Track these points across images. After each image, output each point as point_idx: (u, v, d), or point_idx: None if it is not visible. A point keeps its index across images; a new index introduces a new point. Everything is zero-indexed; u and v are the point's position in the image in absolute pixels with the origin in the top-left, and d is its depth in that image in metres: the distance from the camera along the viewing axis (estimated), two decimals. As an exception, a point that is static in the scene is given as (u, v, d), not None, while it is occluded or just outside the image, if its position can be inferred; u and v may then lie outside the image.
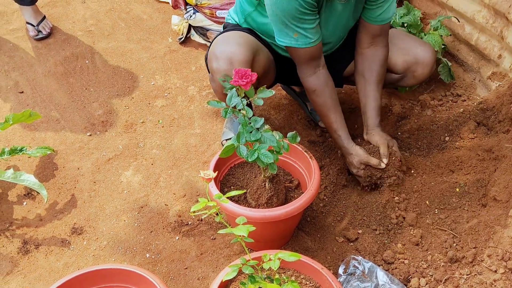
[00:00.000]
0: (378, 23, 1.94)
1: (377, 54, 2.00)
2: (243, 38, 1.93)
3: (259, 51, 1.96)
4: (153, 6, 3.41)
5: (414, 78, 2.10)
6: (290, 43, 1.82)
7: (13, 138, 2.44)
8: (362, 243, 1.90)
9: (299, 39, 1.80)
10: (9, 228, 2.04)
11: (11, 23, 3.23)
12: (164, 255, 1.93)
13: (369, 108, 2.02)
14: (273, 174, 1.75)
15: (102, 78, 2.81)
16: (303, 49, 1.83)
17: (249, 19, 2.04)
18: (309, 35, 1.80)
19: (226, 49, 1.84)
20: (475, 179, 1.96)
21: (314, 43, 1.83)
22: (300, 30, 1.78)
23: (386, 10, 1.90)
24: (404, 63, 2.07)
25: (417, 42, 2.10)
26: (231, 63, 1.81)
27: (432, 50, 2.07)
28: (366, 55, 2.01)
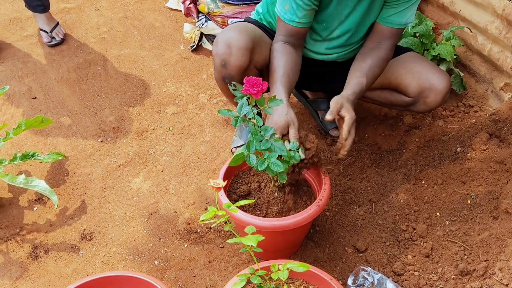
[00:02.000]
0: (388, 24, 1.89)
1: (377, 52, 1.92)
2: (247, 27, 1.95)
3: (263, 42, 1.97)
4: (166, 14, 3.44)
5: (425, 104, 2.03)
6: (280, 12, 1.86)
7: (25, 143, 2.46)
8: (371, 254, 1.88)
9: (287, 12, 1.83)
10: (19, 233, 2.05)
11: (25, 29, 3.27)
12: (172, 263, 1.93)
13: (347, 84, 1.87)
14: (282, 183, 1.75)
15: (114, 85, 2.83)
16: (284, 23, 1.86)
17: (271, 7, 2.06)
18: (297, 13, 1.82)
19: (227, 34, 1.87)
20: (487, 191, 1.94)
21: (298, 24, 1.85)
22: (293, 4, 1.80)
23: (399, 13, 1.86)
24: (418, 87, 2.00)
25: (434, 68, 2.03)
26: (229, 47, 1.83)
27: (448, 79, 2.00)
28: (367, 49, 1.95)
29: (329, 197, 1.74)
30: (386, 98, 2.13)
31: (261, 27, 2.06)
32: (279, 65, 1.84)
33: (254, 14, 2.19)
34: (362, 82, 1.86)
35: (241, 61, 1.85)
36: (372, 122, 2.45)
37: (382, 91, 2.11)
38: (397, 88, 2.07)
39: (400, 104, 2.11)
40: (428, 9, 2.87)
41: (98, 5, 3.52)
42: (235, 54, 1.84)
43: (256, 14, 2.18)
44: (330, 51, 2.03)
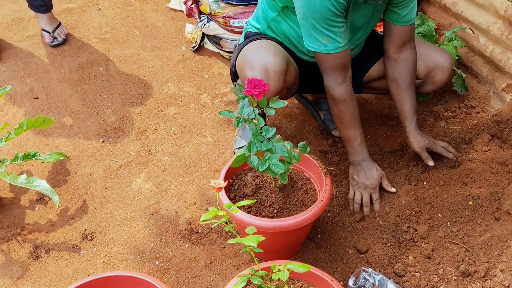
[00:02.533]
0: (406, 23, 1.94)
1: (409, 58, 2.00)
2: (275, 48, 1.93)
3: (290, 61, 1.97)
4: (168, 15, 3.44)
5: (433, 84, 2.12)
6: (319, 49, 1.80)
7: (27, 143, 2.46)
8: (372, 255, 1.88)
9: (328, 44, 1.78)
10: (20, 232, 2.06)
11: (27, 29, 3.28)
12: (173, 263, 1.93)
13: (405, 109, 2.03)
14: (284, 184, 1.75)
15: (115, 85, 2.83)
16: (332, 55, 1.81)
17: (272, 24, 2.04)
18: (338, 39, 1.78)
19: (262, 58, 1.83)
20: (488, 192, 1.94)
21: (343, 47, 1.81)
22: (330, 34, 1.76)
23: (411, 10, 1.91)
24: (425, 68, 2.08)
25: (436, 48, 2.13)
26: (266, 73, 1.81)
27: (450, 56, 2.11)
28: (398, 60, 2.01)
29: (330, 198, 1.74)
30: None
31: (279, 43, 2.03)
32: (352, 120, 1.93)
33: (250, 28, 2.15)
34: (413, 97, 2.02)
35: (278, 85, 1.84)
36: (374, 123, 2.44)
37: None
38: None
39: None
40: (430, 10, 2.87)
41: (100, 6, 3.53)
42: (273, 79, 1.81)
43: (252, 28, 2.14)
44: None
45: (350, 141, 1.99)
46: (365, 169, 2.00)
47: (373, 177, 1.99)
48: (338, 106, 1.91)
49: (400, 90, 2.03)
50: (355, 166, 2.02)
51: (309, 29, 1.77)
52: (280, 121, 2.53)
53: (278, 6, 1.95)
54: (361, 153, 1.99)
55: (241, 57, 1.95)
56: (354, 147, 1.99)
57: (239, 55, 1.99)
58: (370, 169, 1.99)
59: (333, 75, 1.86)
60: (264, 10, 2.04)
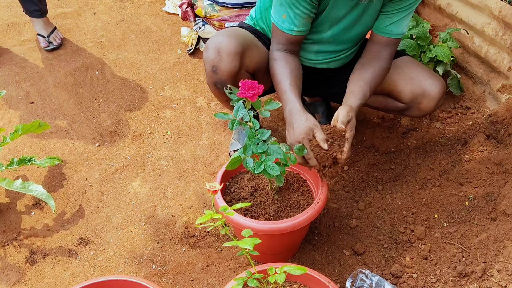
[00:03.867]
0: (385, 34, 1.88)
1: (377, 63, 1.90)
2: (236, 32, 1.95)
3: (254, 46, 1.97)
4: (163, 18, 3.44)
5: (419, 110, 2.02)
6: (276, 22, 1.84)
7: (23, 148, 2.45)
8: (369, 257, 1.88)
9: (284, 22, 1.81)
10: (17, 238, 2.05)
11: (22, 34, 3.28)
12: (170, 267, 1.92)
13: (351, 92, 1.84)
14: (280, 186, 1.75)
15: (111, 89, 2.83)
16: (284, 33, 1.84)
17: (264, 13, 2.05)
18: (295, 22, 1.80)
19: (217, 40, 1.88)
20: (484, 192, 1.94)
21: (296, 32, 1.83)
22: (290, 13, 1.78)
23: (395, 23, 1.85)
24: (410, 93, 1.99)
25: (428, 73, 2.00)
26: (219, 53, 1.84)
27: (442, 84, 1.98)
28: (367, 60, 1.93)
29: (326, 200, 1.73)
30: (380, 103, 2.13)
31: (253, 32, 2.06)
32: (284, 73, 1.83)
33: (248, 18, 2.19)
34: (366, 92, 1.84)
35: (231, 66, 1.85)
36: (370, 124, 2.45)
37: (375, 96, 2.10)
38: (390, 94, 2.06)
39: (393, 109, 2.11)
40: (424, 11, 2.88)
41: (96, 10, 3.53)
42: (225, 59, 1.84)
43: (250, 19, 2.18)
44: (321, 57, 2.03)
45: (279, 94, 1.81)
46: (293, 120, 1.70)
47: (300, 128, 1.67)
48: (272, 63, 1.88)
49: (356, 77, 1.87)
50: (286, 120, 1.75)
51: (276, 0, 1.81)
52: (276, 123, 2.53)
53: None
54: (291, 102, 1.74)
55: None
56: (282, 98, 1.79)
57: None
58: (298, 120, 1.68)
59: (276, 44, 1.88)
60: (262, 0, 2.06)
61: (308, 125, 1.66)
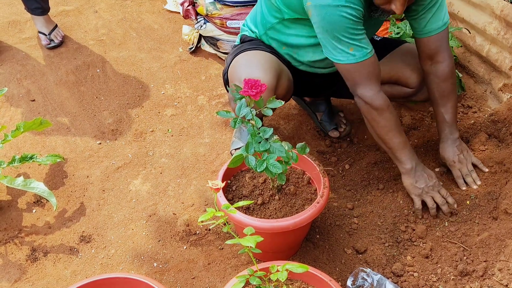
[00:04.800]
0: (428, 34, 1.85)
1: (437, 71, 1.92)
2: (267, 61, 1.89)
3: (282, 74, 1.93)
4: (164, 16, 3.44)
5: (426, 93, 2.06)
6: (348, 59, 1.72)
7: (24, 145, 2.46)
8: (371, 255, 1.88)
9: (356, 53, 1.71)
10: (18, 235, 2.05)
11: (24, 32, 3.27)
12: (171, 264, 1.93)
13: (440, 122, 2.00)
14: (281, 184, 1.75)
15: (112, 87, 2.83)
16: (363, 63, 1.73)
17: (270, 31, 1.99)
18: (364, 46, 1.72)
19: (251, 74, 1.77)
20: (486, 191, 1.94)
21: (371, 53, 1.74)
22: (355, 42, 1.70)
23: (431, 19, 1.81)
24: (418, 78, 2.03)
25: None
26: None
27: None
28: (428, 74, 1.96)
29: (328, 198, 1.74)
30: (387, 92, 2.12)
31: (273, 53, 1.99)
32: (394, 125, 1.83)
33: (246, 31, 2.12)
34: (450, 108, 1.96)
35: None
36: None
37: (382, 85, 2.11)
38: (398, 81, 2.08)
39: (402, 95, 2.13)
40: (426, 10, 2.87)
41: (97, 8, 3.53)
42: (263, 95, 1.76)
43: (249, 30, 2.11)
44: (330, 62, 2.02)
45: (401, 148, 1.87)
46: (423, 171, 1.90)
47: (432, 174, 1.91)
48: (383, 115, 1.81)
49: (435, 104, 1.98)
50: (412, 173, 1.89)
51: (332, 42, 1.70)
52: (277, 122, 2.53)
53: (281, 16, 1.90)
54: (414, 157, 1.89)
55: (232, 68, 1.92)
56: (406, 154, 1.87)
57: (230, 65, 1.96)
58: (426, 169, 1.92)
59: (369, 85, 1.78)
60: (264, 15, 1.99)
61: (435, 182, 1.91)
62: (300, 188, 1.83)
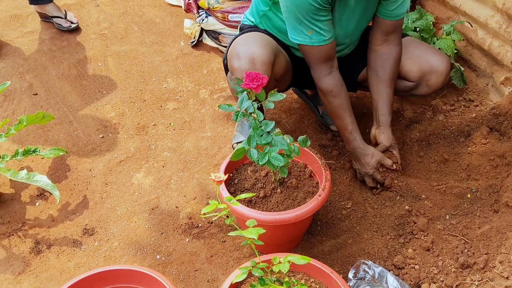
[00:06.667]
0: (393, 18, 1.93)
1: (391, 52, 1.99)
2: (264, 39, 1.94)
3: (279, 53, 1.97)
4: (166, 10, 3.44)
5: (428, 87, 2.08)
6: (304, 41, 1.82)
7: (27, 139, 2.46)
8: (372, 248, 1.89)
9: (313, 37, 1.80)
10: (21, 228, 2.06)
11: (25, 26, 3.28)
12: (174, 257, 1.94)
13: (382, 105, 2.04)
14: (283, 177, 1.76)
15: (114, 81, 2.83)
16: (317, 47, 1.83)
17: (264, 19, 2.05)
18: (323, 33, 1.80)
19: (249, 49, 1.84)
20: (487, 184, 1.95)
21: (328, 40, 1.83)
22: (314, 27, 1.78)
23: (400, 5, 1.90)
24: (419, 71, 2.04)
25: (433, 50, 2.07)
26: (253, 63, 1.82)
27: (447, 60, 2.05)
28: (380, 52, 2.00)
29: (329, 191, 1.74)
30: None
31: (271, 36, 2.04)
32: (342, 108, 1.94)
33: (246, 21, 2.16)
34: (391, 98, 2.02)
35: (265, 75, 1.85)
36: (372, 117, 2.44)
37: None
38: (399, 75, 2.09)
39: (402, 89, 2.14)
40: (428, 3, 2.87)
41: (98, 1, 3.53)
42: (259, 69, 1.81)
43: (248, 21, 2.15)
44: None
45: (341, 130, 2.02)
46: (359, 156, 2.02)
47: (369, 164, 2.01)
48: (326, 97, 1.93)
49: (380, 83, 2.03)
50: (351, 154, 2.07)
51: (294, 22, 1.79)
52: (279, 115, 2.54)
53: (268, 2, 1.95)
54: (354, 141, 2.00)
55: (230, 48, 1.96)
56: (345, 136, 2.02)
57: (229, 48, 2.00)
58: (365, 157, 2.00)
59: (319, 67, 1.89)
60: (257, 4, 2.05)
61: (376, 159, 1.99)
62: (302, 181, 1.84)
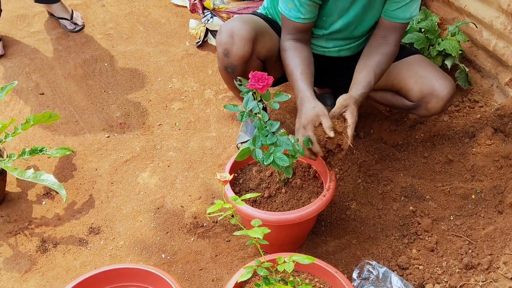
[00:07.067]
0: (392, 19, 1.88)
1: (383, 48, 1.91)
2: (250, 19, 1.98)
3: (267, 34, 1.99)
4: (171, 10, 3.45)
5: (426, 110, 2.01)
6: (284, 11, 1.87)
7: (33, 138, 2.48)
8: (376, 248, 1.90)
9: (291, 10, 1.84)
10: (28, 226, 2.08)
11: (32, 26, 3.29)
12: (179, 256, 1.95)
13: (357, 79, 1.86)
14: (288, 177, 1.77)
15: (120, 81, 2.85)
16: (291, 21, 1.87)
17: (273, 2, 2.08)
18: (301, 10, 1.83)
19: (230, 24, 1.90)
20: (491, 185, 1.95)
21: (303, 20, 1.86)
22: (296, 1, 1.81)
23: (402, 8, 1.84)
24: (420, 92, 1.98)
25: (438, 73, 1.99)
26: (231, 37, 1.86)
27: (451, 85, 1.97)
28: (373, 46, 1.93)
29: (334, 192, 1.75)
30: (388, 100, 2.14)
31: (266, 20, 2.08)
32: (296, 63, 1.86)
33: (261, 8, 2.21)
34: (370, 80, 1.84)
35: (243, 51, 1.87)
36: (378, 117, 2.45)
37: (385, 92, 2.11)
38: (399, 91, 2.06)
39: (401, 107, 2.12)
40: (433, 4, 2.87)
41: (104, 1, 3.54)
42: (238, 43, 1.86)
43: (262, 8, 2.20)
44: (332, 44, 2.04)
45: (292, 83, 1.85)
46: (302, 108, 1.75)
47: (305, 114, 1.71)
48: (282, 54, 1.93)
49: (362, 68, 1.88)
50: (298, 109, 1.80)
51: None
52: (284, 116, 2.55)
53: None
54: (301, 90, 1.79)
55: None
56: (295, 88, 1.83)
57: None
58: (305, 105, 1.74)
59: (285, 34, 1.93)
60: None
61: (316, 112, 1.70)
62: (307, 181, 1.85)
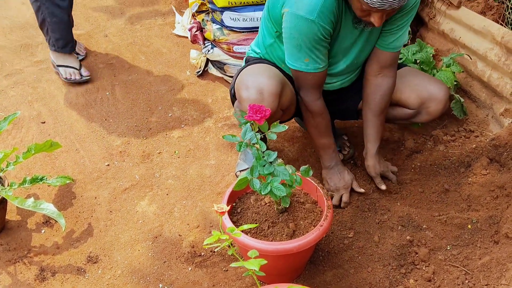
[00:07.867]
0: (390, 50, 2.00)
1: (383, 84, 2.06)
2: (271, 71, 2.01)
3: (286, 84, 2.02)
4: (173, 41, 3.52)
5: (428, 114, 2.14)
6: (300, 67, 1.91)
7: (34, 166, 2.51)
8: (374, 278, 1.90)
9: (309, 64, 1.89)
10: (27, 255, 2.09)
11: (35, 55, 3.36)
12: (176, 286, 1.95)
13: (369, 134, 2.15)
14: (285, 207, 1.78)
15: (121, 110, 2.89)
16: (312, 74, 1.92)
17: (269, 49, 2.11)
18: (319, 61, 1.89)
19: (257, 80, 1.90)
20: (487, 215, 1.97)
21: (322, 69, 1.92)
22: (312, 56, 1.86)
23: (398, 38, 1.97)
24: (418, 98, 2.10)
25: (430, 79, 2.15)
26: (261, 93, 1.87)
27: (445, 88, 2.11)
28: (373, 83, 2.08)
29: (332, 221, 1.77)
30: (389, 113, 2.20)
31: (276, 67, 2.10)
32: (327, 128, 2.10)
33: (252, 52, 2.22)
34: (380, 130, 2.15)
35: (272, 106, 1.88)
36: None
37: None
38: (398, 103, 2.16)
39: (403, 117, 2.20)
40: (428, 36, 2.93)
41: (107, 32, 3.61)
42: (267, 100, 1.86)
43: (253, 53, 2.21)
44: (335, 79, 2.11)
45: (325, 148, 2.15)
46: (338, 172, 2.18)
47: (345, 179, 2.17)
48: (315, 118, 2.05)
49: (369, 113, 2.13)
50: (329, 170, 2.19)
51: (293, 49, 1.87)
52: (282, 144, 2.58)
53: (273, 32, 2.02)
54: (335, 158, 2.17)
55: (238, 79, 2.01)
56: (329, 153, 2.16)
57: (237, 78, 2.05)
58: (343, 172, 2.18)
59: (311, 92, 2.00)
60: (263, 36, 2.11)
61: (350, 179, 2.19)
62: (304, 210, 1.86)
